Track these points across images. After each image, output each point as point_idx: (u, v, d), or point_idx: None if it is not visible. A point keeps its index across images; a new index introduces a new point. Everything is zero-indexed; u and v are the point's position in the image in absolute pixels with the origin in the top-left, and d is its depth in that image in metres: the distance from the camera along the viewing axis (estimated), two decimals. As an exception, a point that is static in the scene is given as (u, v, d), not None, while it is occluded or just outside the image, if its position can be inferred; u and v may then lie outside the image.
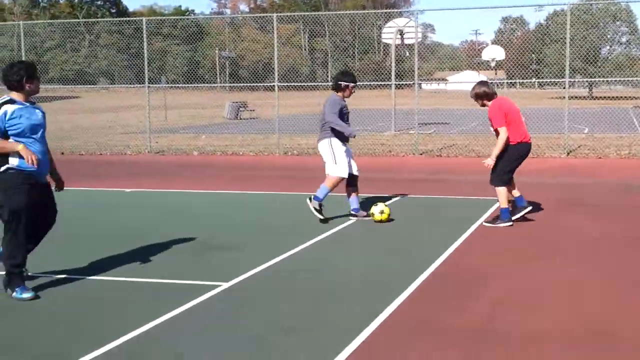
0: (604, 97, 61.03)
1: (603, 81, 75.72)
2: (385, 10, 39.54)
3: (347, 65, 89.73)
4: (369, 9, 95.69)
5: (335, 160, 8.86)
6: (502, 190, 8.60)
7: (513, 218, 8.64)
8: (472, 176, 13.37)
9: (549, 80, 63.82)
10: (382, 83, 26.08)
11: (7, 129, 5.72)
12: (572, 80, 15.23)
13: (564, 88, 17.55)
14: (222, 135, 23.91)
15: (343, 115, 8.92)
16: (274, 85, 18.79)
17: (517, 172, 8.88)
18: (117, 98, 43.78)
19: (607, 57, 71.45)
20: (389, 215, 8.88)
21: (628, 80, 60.49)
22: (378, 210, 8.82)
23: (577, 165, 14.90)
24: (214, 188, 12.33)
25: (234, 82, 61.14)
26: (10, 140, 5.74)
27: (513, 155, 8.58)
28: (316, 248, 7.68)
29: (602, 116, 29.78)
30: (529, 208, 8.79)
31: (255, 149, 18.98)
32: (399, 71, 29.44)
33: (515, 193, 8.88)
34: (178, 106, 40.01)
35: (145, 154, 18.74)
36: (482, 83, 8.78)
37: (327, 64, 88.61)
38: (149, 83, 19.57)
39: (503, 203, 8.60)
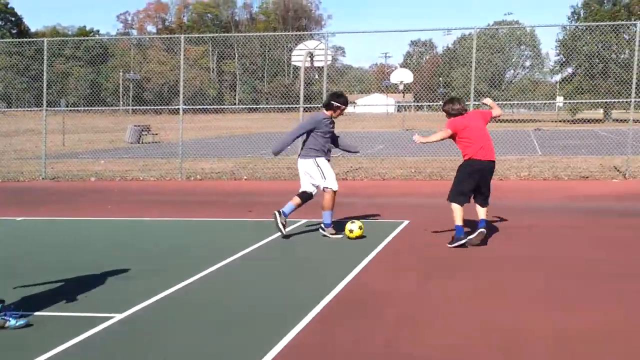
0: (508, 120, 63.20)
1: (507, 104, 78.52)
2: (296, 33, 39.79)
3: (255, 88, 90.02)
4: (280, 31, 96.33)
5: (324, 176, 9.43)
6: (454, 207, 8.77)
7: (463, 241, 8.69)
8: (377, 199, 13.59)
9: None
10: (291, 106, 26.19)
11: None
12: (477, 103, 15.71)
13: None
14: (123, 160, 23.45)
15: (322, 133, 9.46)
16: (178, 108, 18.61)
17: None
18: (13, 122, 42.30)
19: (511, 81, 74.24)
20: (359, 235, 9.37)
21: (531, 104, 62.98)
22: (356, 227, 9.38)
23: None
24: (110, 215, 12.06)
25: (137, 105, 60.15)
26: None
27: (465, 170, 8.85)
28: (218, 274, 7.60)
29: (504, 139, 30.76)
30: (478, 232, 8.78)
31: (157, 173, 18.70)
32: (307, 94, 29.69)
33: (481, 214, 8.96)
34: (78, 130, 39.06)
35: (40, 181, 18.17)
36: (450, 101, 9.14)
37: (236, 86, 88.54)
38: (47, 106, 19.03)
39: (455, 220, 8.75)
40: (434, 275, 7.48)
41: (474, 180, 8.84)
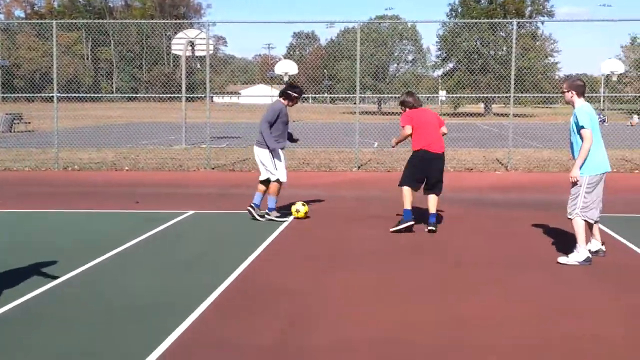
0: (392, 113, 64.64)
1: (391, 97, 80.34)
2: (175, 21, 39.06)
3: (134, 77, 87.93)
4: (158, 19, 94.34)
5: (276, 167, 9.99)
6: (404, 191, 9.38)
7: (399, 227, 9.25)
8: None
9: (340, 96, 66.60)
10: (173, 95, 25.72)
11: None
12: (363, 96, 15.95)
13: (355, 103, 18.36)
14: (-7, 149, 22.30)
15: (282, 121, 10.04)
16: (52, 96, 17.86)
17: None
18: None
19: (395, 75, 75.91)
20: (306, 213, 10.19)
21: (414, 97, 64.44)
22: (301, 206, 10.23)
23: (367, 178, 15.59)
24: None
25: (7, 93, 57.39)
26: None
27: (413, 160, 9.48)
28: (103, 267, 7.35)
29: (391, 131, 31.47)
30: (410, 223, 9.32)
31: (32, 164, 17.90)
32: (189, 83, 29.25)
33: (432, 208, 9.47)
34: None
35: None
36: (407, 94, 9.80)
37: (112, 74, 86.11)
38: None
39: (404, 204, 9.32)
40: (326, 267, 7.53)
41: (419, 170, 9.44)
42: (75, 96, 30.32)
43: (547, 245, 8.60)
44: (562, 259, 7.63)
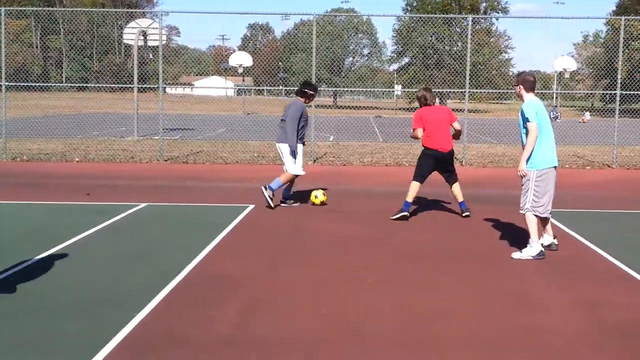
0: (348, 107, 64.88)
1: (347, 91, 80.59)
2: (127, 10, 38.52)
3: (84, 66, 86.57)
4: (109, 7, 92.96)
5: (295, 161, 10.61)
6: (412, 185, 9.98)
7: (399, 215, 9.87)
8: (221, 183, 13.47)
9: (296, 89, 66.56)
10: (124, 86, 25.36)
11: None
12: (322, 89, 15.95)
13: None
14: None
15: (304, 119, 10.66)
16: (0, 85, 17.47)
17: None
18: None
19: (351, 68, 76.15)
20: (322, 202, 10.87)
21: (370, 91, 64.93)
22: (320, 193, 10.98)
23: (323, 172, 15.60)
24: None
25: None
26: None
27: (423, 158, 10.08)
28: (51, 261, 7.21)
29: (346, 125, 31.63)
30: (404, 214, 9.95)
31: (-22, 154, 17.50)
32: (142, 74, 28.89)
33: (458, 196, 10.25)
34: None
35: None
36: (425, 89, 10.23)
37: (62, 63, 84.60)
38: None
39: (407, 196, 9.96)
40: (280, 259, 7.52)
41: (430, 166, 10.03)
42: (23, 85, 29.64)
43: (501, 239, 8.72)
44: (516, 255, 7.74)
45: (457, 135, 10.10)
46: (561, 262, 7.61)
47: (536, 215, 7.72)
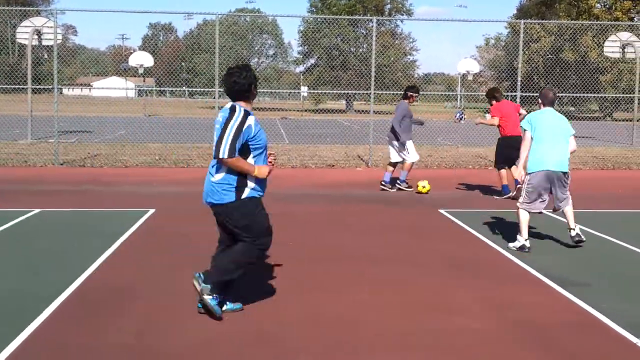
0: (253, 108, 64.43)
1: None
2: (20, 8, 37.26)
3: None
4: (2, 5, 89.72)
5: (408, 152, 12.92)
6: (501, 172, 12.41)
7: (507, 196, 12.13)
8: (120, 187, 13.13)
9: (199, 90, 65.87)
10: (17, 87, 24.50)
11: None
12: (222, 90, 15.81)
13: (214, 98, 18.20)
14: None
15: (408, 117, 12.96)
16: None
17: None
18: None
19: (256, 69, 75.93)
20: (428, 191, 12.45)
21: (276, 93, 64.90)
22: (426, 183, 12.60)
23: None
24: None
25: None
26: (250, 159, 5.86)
27: (501, 145, 12.31)
28: None
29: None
30: (510, 194, 12.15)
31: None
32: (36, 74, 27.96)
33: (507, 178, 12.30)
34: None
35: None
36: (495, 89, 12.81)
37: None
38: None
39: (502, 181, 12.38)
40: (181, 266, 7.33)
41: (509, 152, 11.65)
42: None
43: (408, 239, 8.83)
44: (511, 244, 8.39)
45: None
46: (466, 262, 7.74)
47: (528, 212, 8.35)
